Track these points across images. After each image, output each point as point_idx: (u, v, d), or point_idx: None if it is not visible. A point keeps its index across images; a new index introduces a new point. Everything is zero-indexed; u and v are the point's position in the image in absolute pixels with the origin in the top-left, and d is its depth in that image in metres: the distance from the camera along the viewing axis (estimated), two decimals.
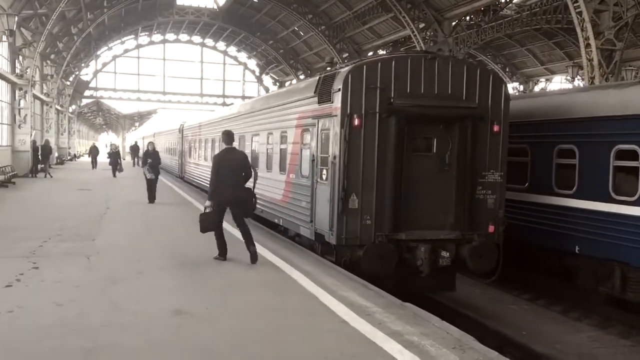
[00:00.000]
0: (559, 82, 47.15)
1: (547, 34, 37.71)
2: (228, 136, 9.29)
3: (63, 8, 28.89)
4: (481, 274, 10.10)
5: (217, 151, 19.62)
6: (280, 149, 12.33)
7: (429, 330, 5.92)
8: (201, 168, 22.81)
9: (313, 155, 10.21)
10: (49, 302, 6.55)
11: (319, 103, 9.90)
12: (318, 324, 6.10)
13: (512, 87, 46.37)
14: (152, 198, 17.18)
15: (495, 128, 9.51)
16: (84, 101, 56.83)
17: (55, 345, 5.27)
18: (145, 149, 19.89)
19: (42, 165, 29.30)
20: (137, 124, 79.28)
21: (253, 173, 9.46)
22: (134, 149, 44.40)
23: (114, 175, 28.35)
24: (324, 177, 9.73)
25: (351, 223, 9.09)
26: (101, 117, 75.23)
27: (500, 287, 12.45)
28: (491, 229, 9.60)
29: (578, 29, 19.23)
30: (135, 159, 41.66)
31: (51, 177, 28.19)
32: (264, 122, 13.91)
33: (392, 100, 9.00)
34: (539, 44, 40.47)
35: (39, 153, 29.04)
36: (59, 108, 42.32)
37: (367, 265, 8.97)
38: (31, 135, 29.54)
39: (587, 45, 19.02)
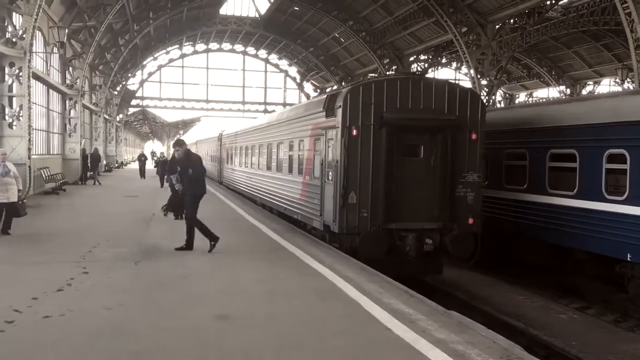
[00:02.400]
0: (607, 85, 45.80)
1: (594, 36, 36.71)
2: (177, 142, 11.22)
3: (111, 20, 29.78)
4: (461, 258, 11.49)
5: (251, 158, 21.59)
6: (298, 155, 14.14)
7: (474, 339, 5.81)
8: (237, 173, 25.06)
9: (322, 160, 12.02)
10: (99, 306, 6.73)
11: (326, 117, 11.70)
12: (361, 331, 6.08)
13: (559, 91, 45.29)
14: (178, 213, 14.55)
15: (473, 136, 11.24)
16: (131, 110, 58.27)
17: (105, 347, 5.41)
18: (162, 157, 18.66)
19: (91, 173, 30.15)
20: (181, 132, 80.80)
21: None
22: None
23: (162, 186, 28.57)
24: (330, 177, 11.53)
25: (350, 215, 10.90)
26: (147, 125, 77.00)
27: (549, 296, 12.17)
28: (470, 221, 11.26)
29: (627, 30, 18.69)
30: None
31: (100, 184, 28.98)
32: (286, 132, 15.69)
33: (383, 114, 10.80)
34: (586, 46, 39.42)
35: (88, 161, 29.89)
36: (107, 117, 43.54)
37: (364, 250, 10.66)
38: (81, 143, 30.45)
39: (637, 47, 18.47)
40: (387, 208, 10.82)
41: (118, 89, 46.40)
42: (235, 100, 58.17)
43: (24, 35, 17.95)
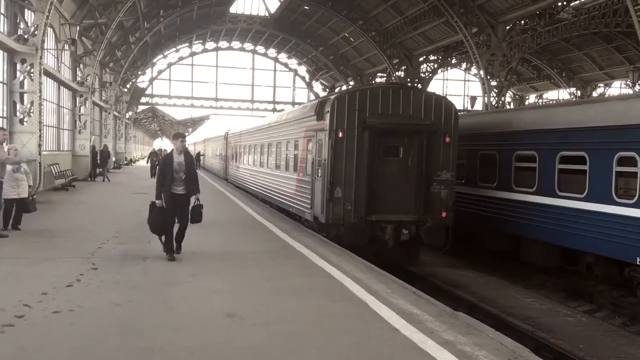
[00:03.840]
0: (618, 87, 45.50)
1: (605, 38, 36.50)
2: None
3: (122, 18, 29.91)
4: (433, 247, 12.96)
5: (254, 156, 22.76)
6: (294, 155, 15.51)
7: (482, 341, 5.81)
8: (241, 170, 26.46)
9: (313, 159, 13.36)
10: (108, 302, 6.77)
11: (317, 120, 13.08)
12: (368, 330, 6.08)
13: (569, 93, 45.05)
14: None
15: (447, 139, 12.54)
16: (140, 107, 58.50)
17: (114, 344, 5.45)
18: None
19: (101, 170, 30.32)
20: (190, 130, 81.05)
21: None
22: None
23: None
24: (319, 174, 12.84)
25: (336, 208, 12.25)
26: (156, 123, 77.28)
27: (557, 299, 12.13)
28: (443, 214, 12.53)
29: (639, 32, 18.57)
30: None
31: (109, 180, 29.14)
32: (284, 133, 16.98)
33: (366, 119, 12.12)
34: (598, 48, 39.20)
35: (98, 158, 30.07)
36: (116, 114, 43.74)
37: (347, 239, 11.97)
38: (90, 140, 30.61)
39: None
40: (368, 202, 12.18)
41: (128, 86, 46.58)
42: (244, 98, 58.25)
43: (36, 32, 18.07)
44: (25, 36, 18.24)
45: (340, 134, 12.14)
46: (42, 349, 5.29)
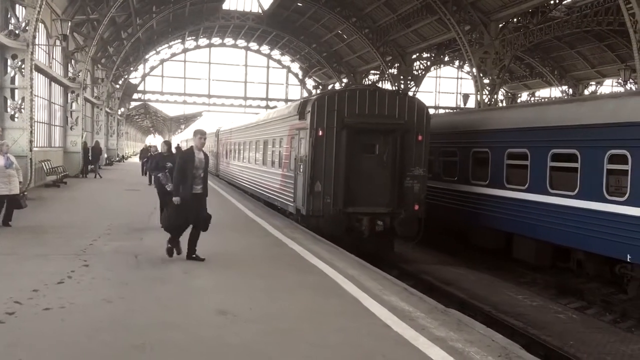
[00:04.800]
0: (610, 86, 45.73)
1: (598, 36, 36.65)
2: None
3: (114, 13, 29.76)
4: (406, 238, 13.85)
5: (243, 153, 23.54)
6: (279, 151, 16.34)
7: (473, 337, 5.83)
8: (231, 167, 27.40)
9: (296, 155, 14.18)
10: (99, 299, 6.75)
11: (299, 120, 13.95)
12: (361, 327, 6.09)
13: (561, 91, 45.23)
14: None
15: (419, 137, 13.44)
16: (133, 104, 58.19)
17: (105, 340, 5.43)
18: (155, 151, 16.60)
19: (92, 166, 30.17)
20: (182, 127, 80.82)
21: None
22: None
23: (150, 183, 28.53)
24: (301, 170, 13.69)
25: (316, 201, 13.14)
26: (148, 119, 76.97)
27: (548, 296, 12.19)
28: (416, 207, 13.42)
29: (631, 31, 18.67)
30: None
31: (101, 177, 29.00)
32: (271, 131, 17.84)
33: (344, 118, 13.00)
34: (590, 46, 39.35)
35: (90, 154, 29.91)
36: (108, 110, 43.53)
37: (326, 229, 12.73)
38: (82, 136, 30.44)
39: None
40: (346, 195, 13.07)
41: (120, 82, 46.32)
42: (237, 95, 58.11)
43: (27, 28, 17.95)
44: (16, 31, 18.10)
45: (320, 133, 12.99)
46: (33, 346, 5.26)
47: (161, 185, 12.29)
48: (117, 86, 45.89)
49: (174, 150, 14.74)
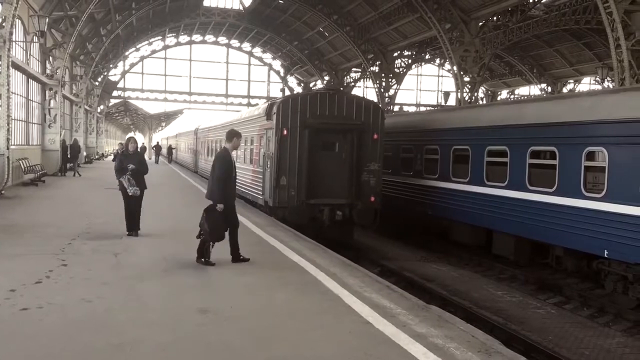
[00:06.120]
0: (587, 84, 46.33)
1: (576, 35, 37.11)
2: (228, 133, 9.37)
3: (92, 10, 29.36)
4: (363, 226, 15.25)
5: (214, 152, 24.46)
6: (251, 149, 17.61)
7: (453, 334, 5.87)
8: (209, 164, 29.57)
9: (264, 153, 15.41)
10: (78, 299, 6.67)
11: (266, 120, 15.23)
12: (342, 324, 6.10)
13: (540, 89, 45.73)
14: (132, 226, 11.15)
15: (375, 136, 14.63)
16: (112, 101, 57.56)
17: (83, 340, 5.36)
18: (121, 149, 13.57)
19: (71, 164, 29.80)
20: (163, 124, 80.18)
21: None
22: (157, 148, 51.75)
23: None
24: (268, 166, 14.95)
25: (282, 194, 14.31)
26: (128, 117, 76.15)
27: (528, 292, 12.33)
28: (372, 199, 14.64)
29: (608, 30, 18.92)
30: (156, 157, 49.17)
31: (80, 175, 28.67)
32: (243, 130, 18.48)
33: (307, 119, 14.21)
34: (568, 44, 39.84)
35: (68, 152, 29.53)
36: (87, 108, 43.02)
37: (291, 219, 13.89)
38: (60, 134, 30.05)
39: (618, 46, 18.70)
40: (308, 188, 14.23)
41: (99, 79, 45.80)
42: (218, 93, 57.78)
43: (4, 24, 17.66)
44: None
45: (285, 132, 14.15)
46: (10, 347, 5.18)
47: (124, 189, 10.97)
48: (97, 83, 45.36)
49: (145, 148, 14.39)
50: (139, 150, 11.83)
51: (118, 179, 11.23)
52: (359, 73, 48.29)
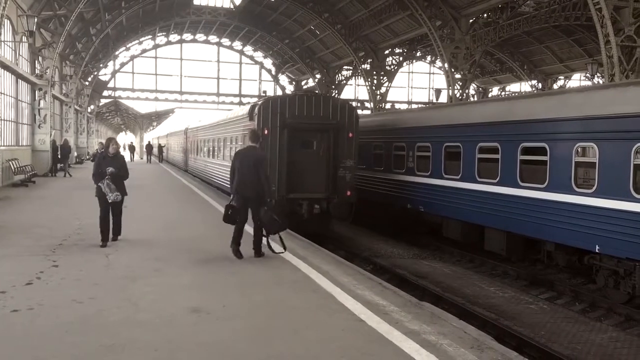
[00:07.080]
0: (578, 80, 46.55)
1: (566, 31, 37.25)
2: (254, 134, 10.13)
3: (82, 9, 29.19)
4: (340, 219, 15.97)
5: (207, 149, 25.49)
6: (235, 148, 17.78)
7: (446, 330, 5.89)
8: (198, 162, 29.39)
9: None
10: (69, 300, 6.63)
11: (249, 121, 15.99)
12: (335, 322, 6.10)
13: (531, 85, 45.91)
14: (107, 236, 10.29)
15: (350, 135, 15.53)
16: (103, 101, 57.16)
17: (75, 341, 5.33)
18: (101, 150, 13.70)
19: (62, 165, 29.62)
20: (154, 124, 79.80)
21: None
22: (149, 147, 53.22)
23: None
24: None
25: None
26: (119, 116, 75.73)
27: (520, 287, 12.37)
28: (348, 193, 15.48)
29: (598, 26, 18.99)
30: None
31: (70, 176, 28.50)
32: (228, 130, 20.10)
33: (286, 119, 15.01)
34: (558, 41, 39.99)
35: (59, 153, 29.33)
36: (77, 108, 42.75)
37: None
38: (51, 135, 29.86)
39: (607, 42, 18.78)
40: (288, 183, 15.02)
41: (89, 79, 45.50)
42: (209, 92, 57.56)
43: None
44: None
45: (266, 131, 14.89)
46: (1, 349, 5.14)
47: (102, 195, 10.15)
48: (87, 83, 45.06)
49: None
50: (122, 152, 11.09)
51: (96, 184, 10.20)
52: (351, 71, 48.29)
